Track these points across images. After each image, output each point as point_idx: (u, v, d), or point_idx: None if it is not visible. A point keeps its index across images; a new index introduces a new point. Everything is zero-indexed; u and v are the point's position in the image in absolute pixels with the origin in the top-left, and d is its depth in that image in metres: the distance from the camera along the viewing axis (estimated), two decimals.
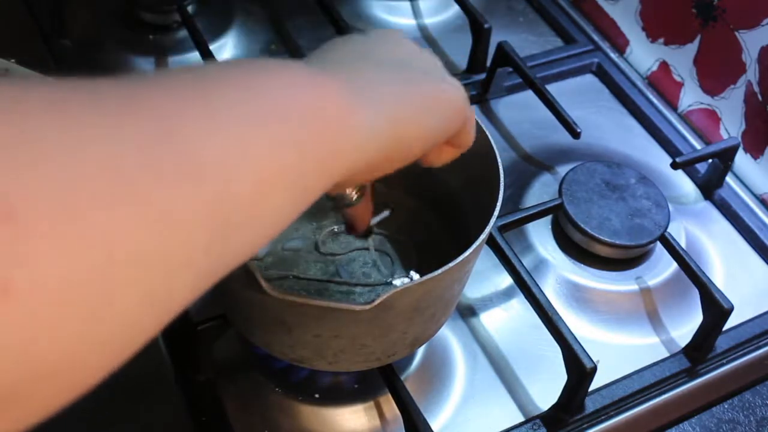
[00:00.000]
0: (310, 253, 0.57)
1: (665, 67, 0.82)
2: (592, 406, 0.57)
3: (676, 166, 0.70)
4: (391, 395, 0.54)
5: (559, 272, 0.65)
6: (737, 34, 0.73)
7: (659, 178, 0.72)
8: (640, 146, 0.77)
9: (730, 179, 0.74)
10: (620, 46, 0.87)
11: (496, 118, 0.77)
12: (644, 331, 0.63)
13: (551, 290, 0.63)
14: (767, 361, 0.62)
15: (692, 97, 0.80)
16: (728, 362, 0.61)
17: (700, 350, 0.60)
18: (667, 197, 0.67)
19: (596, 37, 0.86)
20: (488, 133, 0.51)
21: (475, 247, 0.45)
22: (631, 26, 0.85)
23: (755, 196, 0.74)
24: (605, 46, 0.86)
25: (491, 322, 0.62)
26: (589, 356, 0.54)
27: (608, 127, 0.78)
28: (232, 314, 0.52)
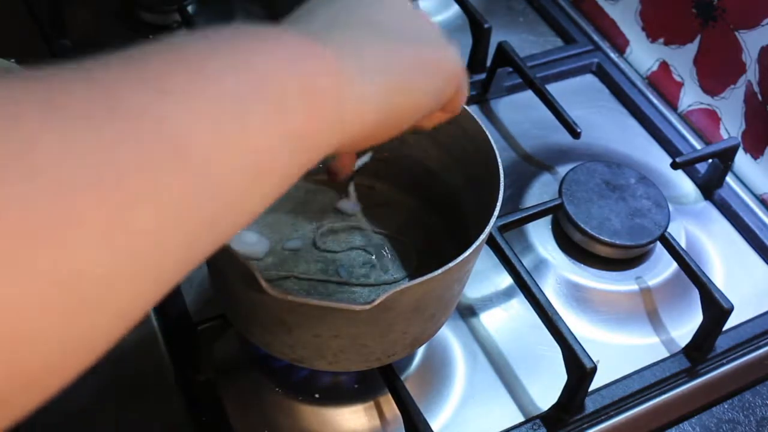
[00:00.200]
0: (309, 252, 0.57)
1: (665, 67, 0.82)
2: (592, 406, 0.57)
3: (676, 166, 0.70)
4: (391, 395, 0.54)
5: (559, 272, 0.65)
6: (737, 34, 0.73)
7: (659, 178, 0.72)
8: (640, 146, 0.77)
9: (730, 179, 0.74)
10: (620, 46, 0.87)
11: (496, 118, 0.77)
12: (644, 331, 0.63)
13: (551, 290, 0.63)
14: (767, 361, 0.62)
15: (692, 97, 0.80)
16: (728, 362, 0.61)
17: (700, 350, 0.60)
18: (667, 197, 0.67)
19: (596, 37, 0.86)
20: (488, 133, 0.51)
21: (475, 247, 0.45)
22: (631, 26, 0.85)
23: (755, 196, 0.74)
24: (605, 46, 0.86)
25: (491, 322, 0.62)
26: (589, 356, 0.54)
27: (608, 127, 0.78)
28: (232, 314, 0.51)
